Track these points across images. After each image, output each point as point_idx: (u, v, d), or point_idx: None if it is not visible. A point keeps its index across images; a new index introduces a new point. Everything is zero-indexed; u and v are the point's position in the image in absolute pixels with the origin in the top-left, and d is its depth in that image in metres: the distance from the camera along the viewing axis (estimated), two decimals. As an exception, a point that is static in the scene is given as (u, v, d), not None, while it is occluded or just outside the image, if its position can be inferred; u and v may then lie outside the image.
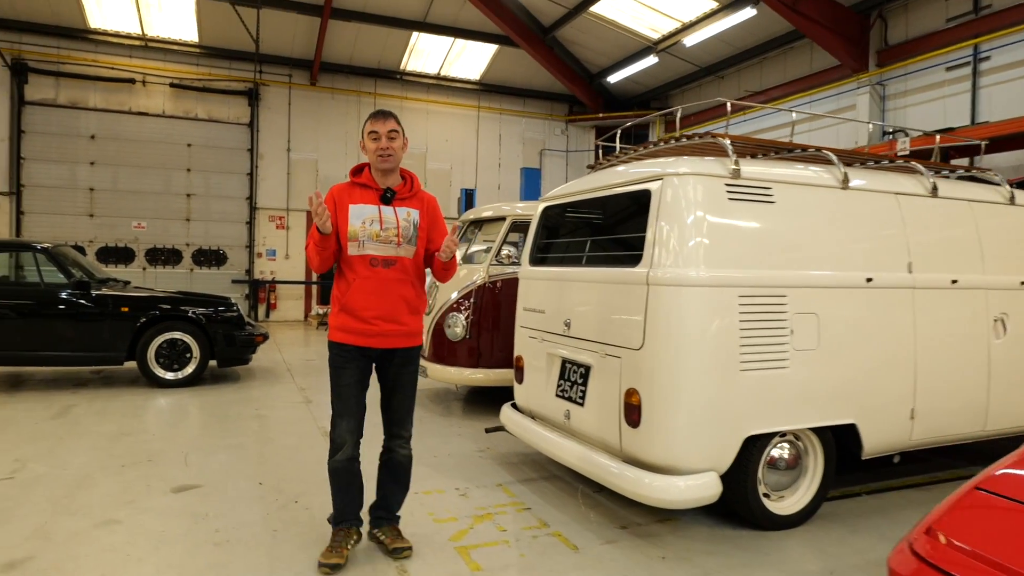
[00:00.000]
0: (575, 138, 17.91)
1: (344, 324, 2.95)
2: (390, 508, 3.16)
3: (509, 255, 5.96)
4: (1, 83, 13.27)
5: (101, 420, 5.50)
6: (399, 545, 3.05)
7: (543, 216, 4.51)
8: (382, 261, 2.92)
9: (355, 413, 3.01)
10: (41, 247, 6.72)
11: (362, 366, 3.00)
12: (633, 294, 3.29)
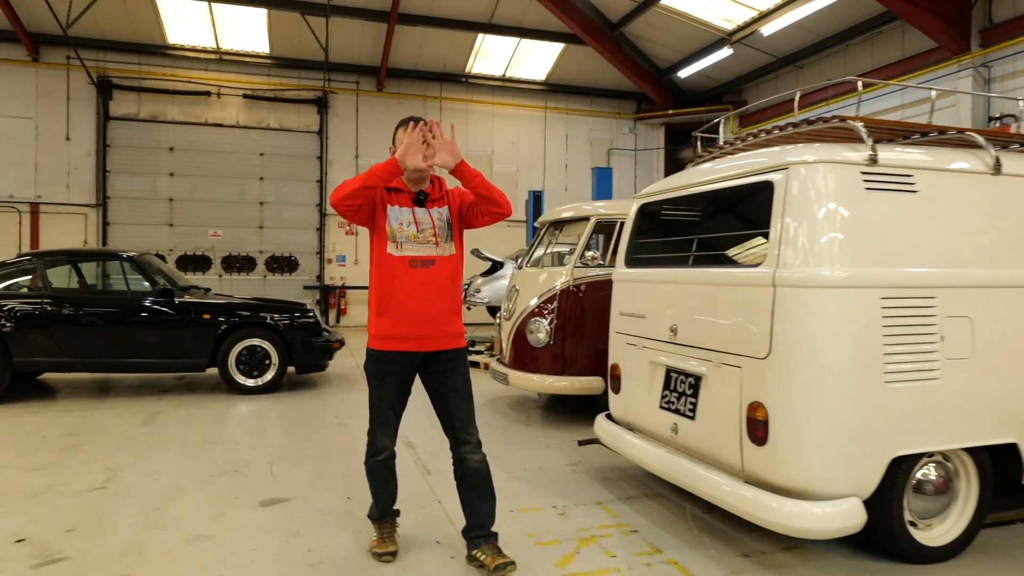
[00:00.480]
0: (643, 136, 17.46)
1: (386, 330, 2.91)
2: (484, 524, 3.01)
3: (594, 257, 5.68)
4: (88, 100, 13.82)
5: (187, 428, 5.49)
6: (501, 562, 2.89)
7: (640, 214, 4.22)
8: (421, 262, 2.90)
9: (393, 423, 3.03)
10: (127, 255, 6.83)
11: (404, 375, 2.98)
12: (756, 297, 2.96)
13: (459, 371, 3.01)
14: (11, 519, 3.49)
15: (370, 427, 3.04)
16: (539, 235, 6.72)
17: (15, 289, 6.54)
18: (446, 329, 2.96)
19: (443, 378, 2.98)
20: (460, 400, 3.00)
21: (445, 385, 2.99)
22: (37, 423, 5.56)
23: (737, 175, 3.30)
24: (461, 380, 3.01)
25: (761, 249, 3.03)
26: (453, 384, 2.99)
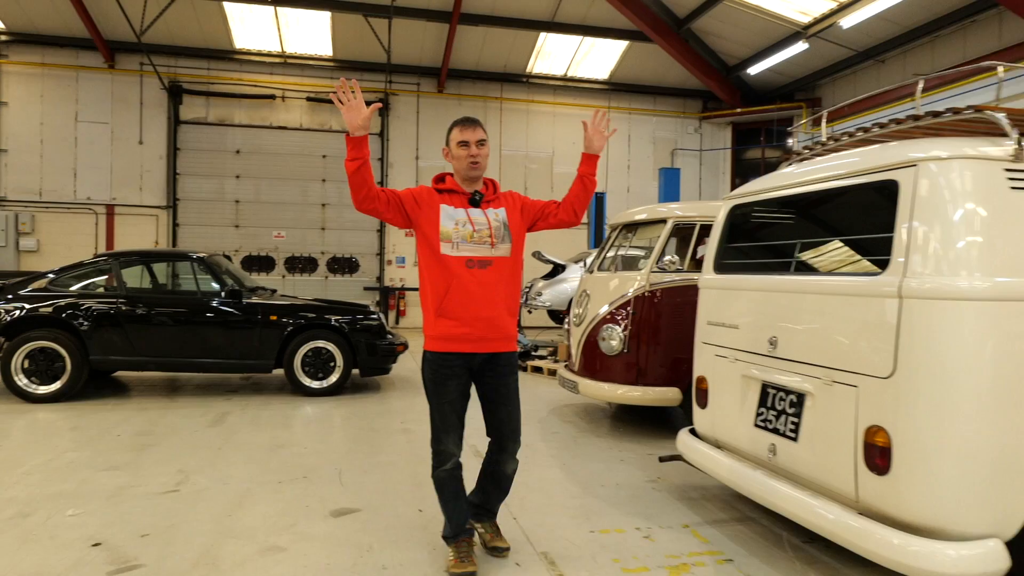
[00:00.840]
0: (709, 136, 16.96)
1: (445, 331, 2.88)
2: (491, 509, 3.19)
3: (672, 261, 5.40)
4: (160, 105, 14.22)
5: (255, 430, 5.46)
6: (499, 544, 3.11)
7: (731, 216, 3.93)
8: (478, 262, 2.87)
9: (458, 427, 2.98)
10: (197, 256, 6.89)
11: (464, 378, 2.95)
12: (877, 308, 2.67)
13: (513, 376, 3.02)
14: (88, 521, 3.46)
15: (433, 435, 2.97)
16: (609, 238, 6.48)
17: (92, 289, 6.66)
18: (503, 331, 2.94)
19: (498, 383, 2.97)
20: (512, 408, 3.00)
21: (498, 392, 2.97)
22: (112, 421, 5.62)
23: (851, 173, 2.99)
24: (514, 388, 3.01)
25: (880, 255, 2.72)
26: (506, 391, 2.98)
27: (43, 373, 6.26)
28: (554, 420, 6.13)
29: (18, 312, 6.25)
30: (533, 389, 7.66)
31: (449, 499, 2.99)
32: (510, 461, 3.06)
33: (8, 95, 13.65)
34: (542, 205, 3.09)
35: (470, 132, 2.91)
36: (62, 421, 5.59)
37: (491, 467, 3.10)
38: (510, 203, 3.03)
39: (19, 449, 4.73)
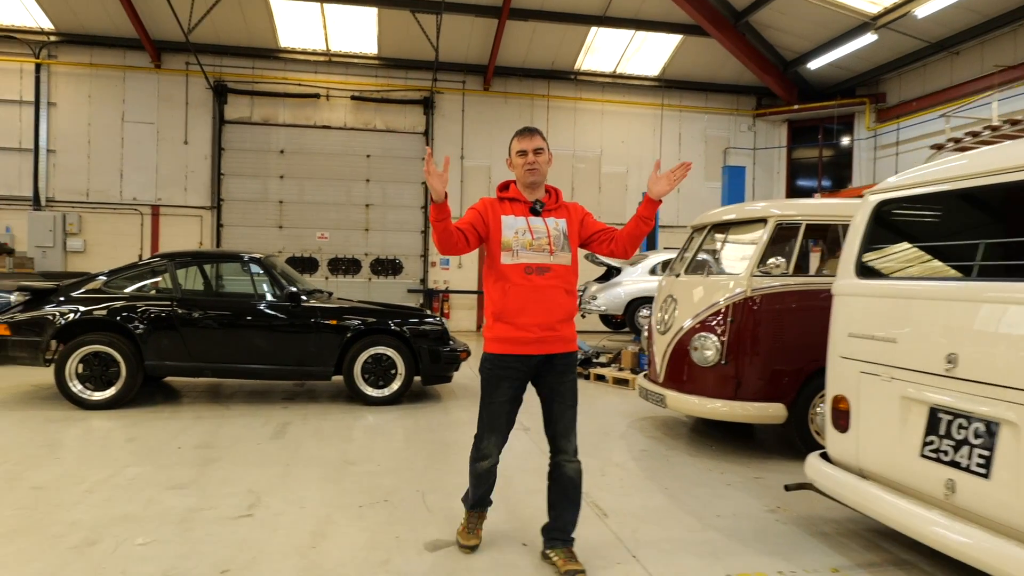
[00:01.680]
0: (763, 134, 16.35)
1: (502, 334, 2.96)
2: (565, 530, 3.08)
3: (777, 265, 4.91)
4: (205, 104, 14.08)
5: (320, 443, 5.09)
6: (572, 568, 2.95)
7: (878, 213, 3.44)
8: (536, 268, 2.95)
9: (504, 430, 3.05)
10: (253, 257, 6.58)
11: (519, 382, 3.01)
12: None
13: (569, 377, 3.04)
14: (161, 552, 3.10)
15: (478, 431, 3.08)
16: (692, 240, 6.01)
17: (146, 291, 6.38)
18: (560, 333, 2.98)
19: (554, 382, 3.01)
20: (566, 407, 3.02)
21: (554, 391, 3.01)
22: (170, 431, 5.30)
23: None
24: (569, 387, 3.03)
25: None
26: (562, 391, 3.01)
27: (97, 379, 5.98)
28: (636, 435, 5.67)
29: (72, 315, 5.98)
30: (601, 399, 7.20)
31: (480, 484, 3.15)
32: (570, 462, 3.02)
33: (57, 96, 13.61)
34: (600, 229, 3.12)
35: (527, 141, 3.00)
36: (118, 431, 5.29)
37: (554, 471, 3.07)
38: (572, 215, 3.08)
39: (78, 463, 4.42)
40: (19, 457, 4.50)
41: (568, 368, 3.03)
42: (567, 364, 3.02)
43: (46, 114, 13.53)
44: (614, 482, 4.37)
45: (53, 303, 6.07)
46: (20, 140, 13.46)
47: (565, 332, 2.99)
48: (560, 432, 3.02)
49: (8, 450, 4.66)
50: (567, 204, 3.12)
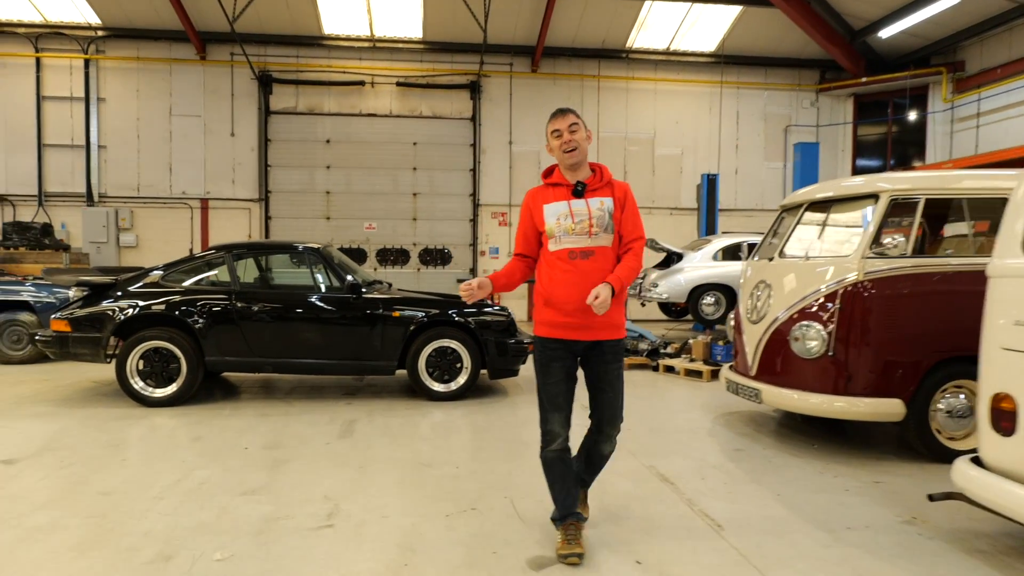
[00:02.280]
0: (827, 110, 15.57)
1: (548, 318, 2.97)
2: (582, 479, 3.23)
3: (895, 245, 4.41)
4: (250, 95, 13.95)
5: (391, 443, 4.79)
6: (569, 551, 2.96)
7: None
8: (580, 253, 2.92)
9: (564, 408, 3.00)
10: (311, 247, 6.31)
11: (568, 361, 2.99)
12: None
13: (617, 363, 3.02)
14: (242, 569, 2.81)
15: (540, 415, 3.03)
16: (786, 220, 5.52)
17: (203, 284, 6.17)
18: (606, 319, 2.93)
19: (600, 369, 3.00)
20: (613, 393, 3.02)
21: (600, 377, 3.00)
22: (234, 430, 5.07)
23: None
24: (617, 374, 3.02)
25: None
26: (609, 377, 3.00)
27: (158, 375, 5.79)
28: (725, 432, 5.24)
29: (131, 311, 5.79)
30: (674, 392, 6.77)
31: (556, 480, 3.03)
32: (607, 442, 3.11)
33: (106, 91, 13.63)
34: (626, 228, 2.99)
35: (560, 120, 2.96)
36: (182, 429, 5.07)
37: (590, 448, 3.17)
38: (618, 194, 3.00)
39: (145, 465, 4.19)
40: (85, 458, 4.30)
41: (616, 355, 3.00)
42: (615, 351, 3.00)
43: (96, 110, 13.56)
44: (717, 487, 3.96)
45: (111, 298, 5.89)
46: (72, 137, 13.53)
47: (612, 318, 2.94)
48: (607, 419, 3.05)
49: (74, 451, 4.46)
50: (615, 182, 3.04)
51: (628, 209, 2.99)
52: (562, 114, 2.96)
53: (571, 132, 2.93)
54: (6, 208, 13.31)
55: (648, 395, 6.70)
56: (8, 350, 7.79)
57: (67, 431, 4.97)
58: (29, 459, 4.27)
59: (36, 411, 5.58)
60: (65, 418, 5.36)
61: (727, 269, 10.81)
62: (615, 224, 2.94)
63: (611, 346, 2.97)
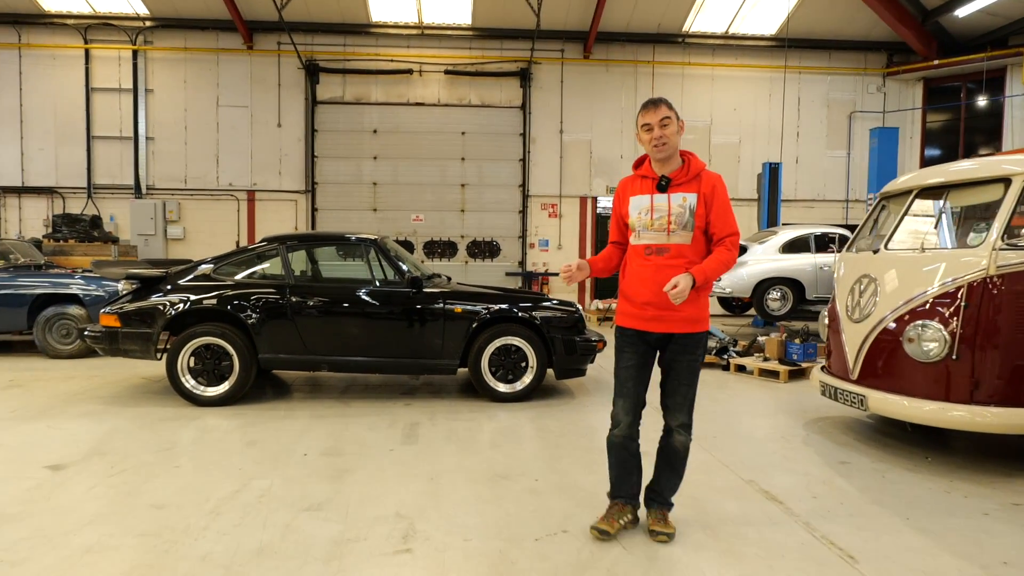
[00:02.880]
0: (894, 96, 14.73)
1: (623, 308, 3.03)
2: (662, 493, 3.13)
3: (1039, 233, 3.86)
4: (297, 85, 13.74)
5: (460, 450, 4.41)
6: (659, 529, 3.04)
7: None
8: (655, 249, 2.91)
9: (631, 395, 3.01)
10: (367, 238, 5.96)
11: (641, 350, 3.01)
12: None
13: (687, 356, 2.96)
14: (310, 606, 2.45)
15: (613, 398, 3.08)
16: (890, 209, 4.98)
17: (256, 277, 5.88)
18: (679, 314, 2.90)
19: (671, 360, 2.98)
20: (680, 384, 2.99)
21: (671, 367, 2.98)
22: (291, 433, 4.75)
23: None
24: (686, 365, 2.97)
25: None
26: (677, 369, 2.97)
27: (210, 373, 5.52)
28: (822, 441, 4.73)
29: (182, 305, 5.53)
30: (751, 395, 6.25)
31: (615, 465, 3.11)
32: (679, 435, 3.04)
33: (154, 82, 13.56)
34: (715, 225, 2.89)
35: (651, 114, 2.86)
36: (235, 432, 4.77)
37: (663, 441, 3.12)
38: (706, 189, 2.89)
39: (199, 473, 3.88)
40: (136, 464, 4.01)
41: (687, 348, 2.95)
42: (686, 344, 2.95)
43: (144, 101, 13.50)
44: (834, 508, 3.48)
45: (161, 292, 5.63)
46: (120, 129, 13.50)
47: (686, 312, 2.89)
48: (671, 406, 3.03)
49: (124, 455, 4.19)
50: (704, 176, 2.93)
51: (717, 205, 2.87)
52: (654, 106, 2.85)
53: (662, 126, 2.83)
54: (55, 200, 13.37)
55: (725, 397, 6.21)
56: (57, 344, 7.66)
57: (117, 432, 4.72)
58: (78, 464, 4.00)
59: (85, 410, 5.35)
60: (114, 418, 5.12)
61: (794, 263, 10.20)
62: (696, 221, 2.86)
63: (684, 339, 2.92)
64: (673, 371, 2.98)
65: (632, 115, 14.28)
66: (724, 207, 2.88)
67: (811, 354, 7.43)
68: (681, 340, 2.92)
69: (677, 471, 3.08)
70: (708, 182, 2.88)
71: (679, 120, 2.90)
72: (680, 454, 3.05)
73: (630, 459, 3.08)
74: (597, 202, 14.42)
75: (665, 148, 2.85)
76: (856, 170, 14.82)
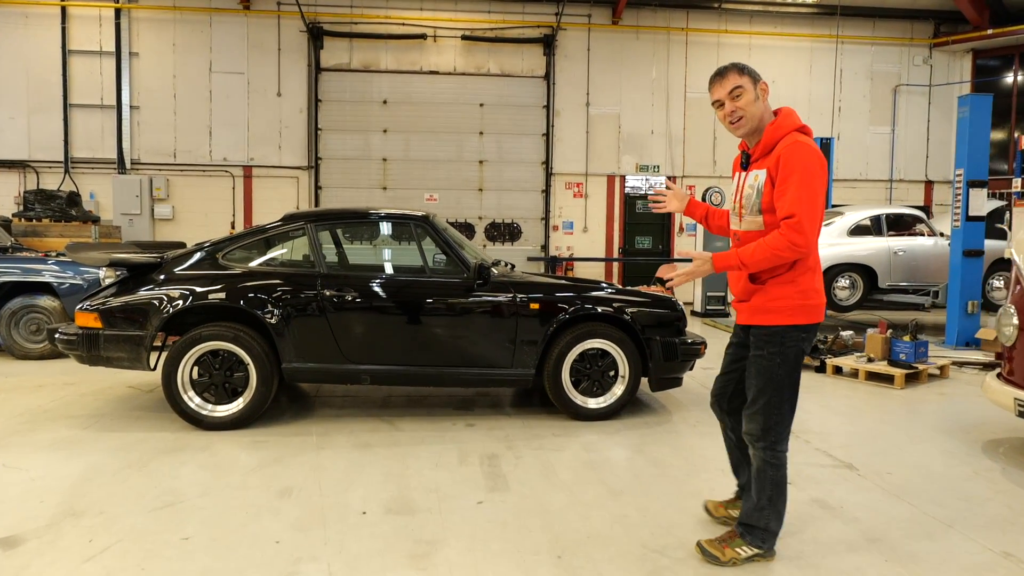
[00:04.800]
0: (941, 68, 13.65)
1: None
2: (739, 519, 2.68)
3: None
4: (299, 51, 12.40)
5: (572, 502, 3.24)
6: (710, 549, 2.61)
7: None
8: (737, 236, 2.65)
9: (719, 388, 2.83)
10: (416, 216, 4.76)
11: (737, 341, 2.75)
12: None
13: (759, 352, 2.55)
14: None
15: None
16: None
17: (277, 265, 4.67)
18: (748, 304, 2.59)
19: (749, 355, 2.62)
20: (749, 383, 2.59)
21: (748, 363, 2.61)
22: (334, 475, 3.55)
23: None
24: (755, 363, 2.56)
25: None
26: (747, 366, 2.61)
27: (219, 387, 4.30)
28: (1021, 474, 3.61)
29: (182, 301, 4.29)
30: (872, 403, 5.12)
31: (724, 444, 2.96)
32: (751, 445, 2.57)
33: (139, 45, 12.14)
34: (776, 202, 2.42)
35: (718, 88, 2.51)
36: (259, 473, 3.57)
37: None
38: (774, 164, 2.43)
39: (217, 551, 2.68)
40: (125, 535, 2.81)
41: (756, 343, 2.56)
42: (756, 339, 2.56)
43: (128, 66, 12.08)
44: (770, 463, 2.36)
45: (154, 283, 4.39)
46: (102, 96, 12.08)
47: (754, 303, 2.56)
48: (737, 407, 2.73)
49: (108, 517, 2.97)
50: (781, 146, 2.42)
51: (781, 178, 2.39)
52: (719, 78, 2.51)
53: (734, 99, 2.48)
54: (28, 175, 11.95)
55: (844, 408, 5.10)
56: (26, 343, 6.39)
57: (98, 474, 3.50)
58: (41, 537, 2.78)
59: (56, 437, 4.12)
60: (94, 449, 3.89)
61: (865, 247, 9.12)
62: (764, 203, 2.47)
63: (756, 332, 2.57)
64: (747, 367, 2.62)
65: (663, 87, 13.09)
66: (786, 181, 2.36)
67: (923, 354, 6.33)
68: (756, 333, 2.57)
69: (756, 492, 2.59)
70: (780, 152, 2.41)
71: (758, 83, 2.47)
72: (760, 469, 2.56)
73: (730, 444, 2.89)
74: (626, 181, 13.24)
75: (744, 123, 2.48)
76: (902, 148, 13.75)
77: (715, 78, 2.52)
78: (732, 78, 2.46)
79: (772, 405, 2.52)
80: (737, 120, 2.48)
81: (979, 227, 7.84)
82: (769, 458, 2.55)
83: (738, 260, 2.44)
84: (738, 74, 2.47)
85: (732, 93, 2.46)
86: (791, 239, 2.33)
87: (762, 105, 2.48)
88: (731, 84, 2.47)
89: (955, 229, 7.90)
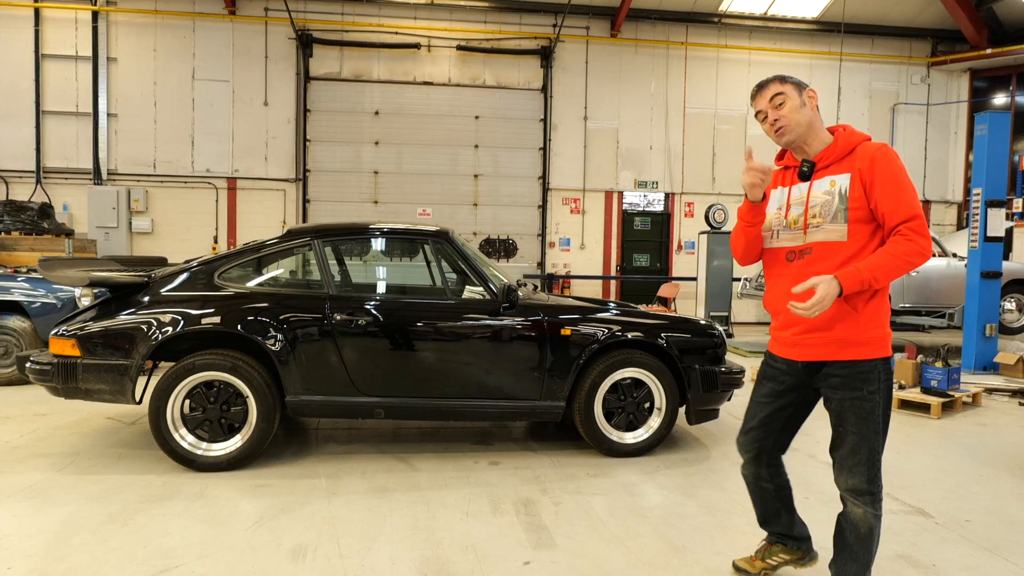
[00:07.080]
0: (939, 87, 13.59)
1: (772, 330, 2.46)
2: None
3: None
4: (287, 59, 11.95)
5: (630, 562, 2.82)
6: None
7: None
8: (798, 252, 2.32)
9: (756, 429, 2.49)
10: (435, 232, 4.33)
11: (784, 381, 2.40)
12: None
13: (850, 394, 2.22)
14: None
15: None
16: None
17: (280, 285, 4.21)
18: (830, 335, 2.23)
19: (830, 399, 2.30)
20: (846, 432, 2.25)
21: (831, 409, 2.31)
22: (352, 526, 3.09)
23: None
24: (850, 405, 2.22)
25: None
26: (839, 411, 2.27)
27: (214, 422, 3.82)
28: None
29: (172, 327, 3.81)
30: (910, 434, 4.77)
31: (752, 497, 2.63)
32: (852, 503, 2.26)
33: (118, 50, 11.60)
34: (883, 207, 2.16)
35: (760, 99, 2.36)
36: (265, 526, 3.09)
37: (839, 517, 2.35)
38: (862, 164, 2.20)
39: (227, 634, 2.22)
40: (112, 611, 2.33)
41: (847, 382, 2.21)
42: (843, 376, 2.22)
43: (105, 72, 11.53)
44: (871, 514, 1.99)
45: (138, 305, 3.91)
46: (77, 103, 11.51)
47: (839, 332, 2.20)
48: (836, 460, 2.30)
49: (90, 587, 2.49)
50: (860, 149, 2.22)
51: (881, 180, 2.16)
52: (760, 89, 2.36)
53: (776, 107, 2.30)
54: (-2, 186, 11.32)
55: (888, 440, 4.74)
56: (-7, 367, 5.83)
57: (75, 531, 3.00)
58: (10, 616, 2.31)
59: (26, 482, 3.60)
60: (70, 498, 3.39)
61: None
62: (852, 209, 2.20)
63: (841, 370, 2.22)
64: (836, 414, 2.30)
65: (662, 102, 12.85)
66: (892, 182, 2.15)
67: (955, 380, 6.03)
68: (837, 371, 2.24)
69: (855, 554, 2.29)
70: (865, 155, 2.22)
71: (804, 90, 2.31)
72: (860, 532, 2.27)
73: (765, 497, 2.59)
74: (624, 197, 12.94)
75: (788, 131, 2.31)
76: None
77: (755, 91, 2.41)
78: (773, 87, 2.34)
79: (876, 452, 2.24)
80: (781, 129, 2.32)
81: (997, 248, 7.62)
82: (877, 511, 2.27)
83: (871, 275, 2.10)
84: (780, 83, 2.35)
85: (773, 101, 2.32)
86: (920, 244, 2.10)
87: (809, 112, 2.30)
88: (773, 91, 2.34)
89: (972, 250, 7.67)
